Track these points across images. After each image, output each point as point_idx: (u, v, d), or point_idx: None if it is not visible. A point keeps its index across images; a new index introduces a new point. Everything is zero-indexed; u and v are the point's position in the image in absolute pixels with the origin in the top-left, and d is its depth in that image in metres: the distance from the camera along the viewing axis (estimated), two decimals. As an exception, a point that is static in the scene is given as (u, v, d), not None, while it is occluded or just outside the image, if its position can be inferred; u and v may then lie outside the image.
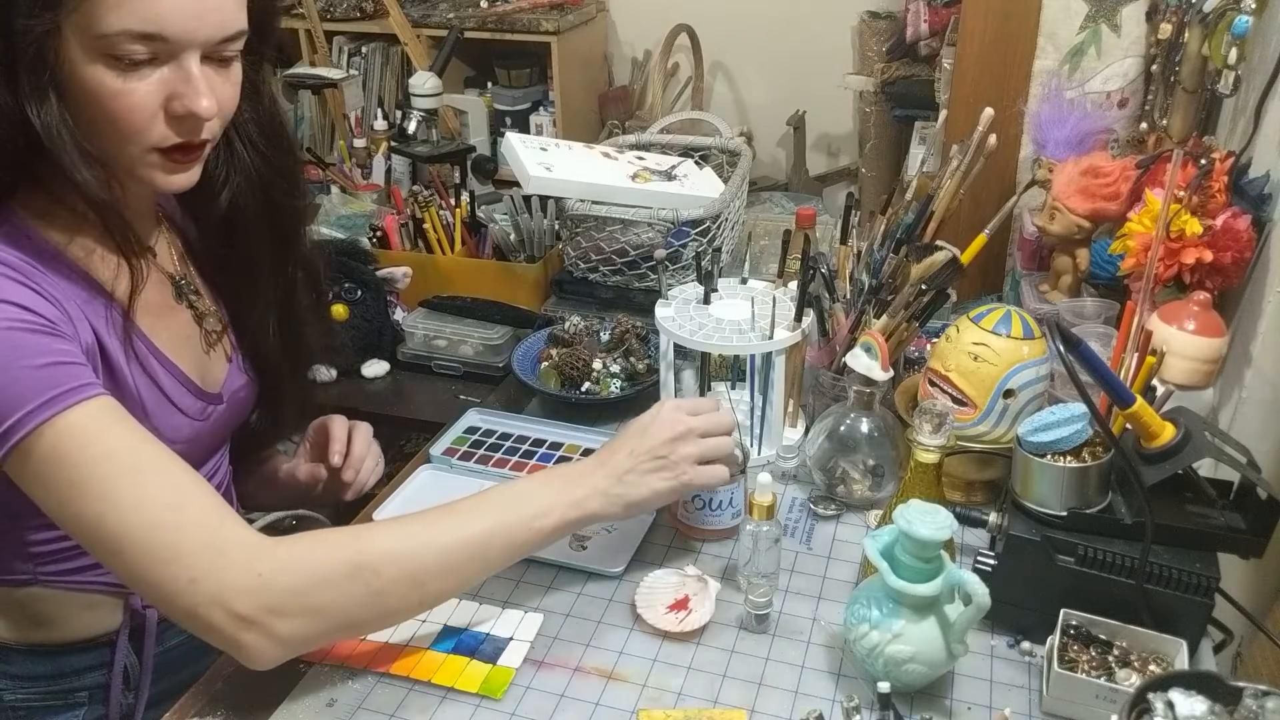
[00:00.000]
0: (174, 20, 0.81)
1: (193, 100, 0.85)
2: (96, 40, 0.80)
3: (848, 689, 0.91)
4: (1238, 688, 0.73)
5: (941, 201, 1.24)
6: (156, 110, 0.85)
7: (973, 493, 1.13)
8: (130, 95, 0.83)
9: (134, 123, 0.85)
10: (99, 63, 0.81)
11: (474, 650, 0.96)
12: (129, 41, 0.81)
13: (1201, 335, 1.15)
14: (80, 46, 0.80)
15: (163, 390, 0.96)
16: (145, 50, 0.82)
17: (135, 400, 0.92)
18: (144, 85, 0.83)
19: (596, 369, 1.36)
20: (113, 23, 0.79)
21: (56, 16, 0.79)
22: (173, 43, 0.83)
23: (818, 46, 2.75)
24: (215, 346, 1.04)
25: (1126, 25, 1.56)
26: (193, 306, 1.03)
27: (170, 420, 0.96)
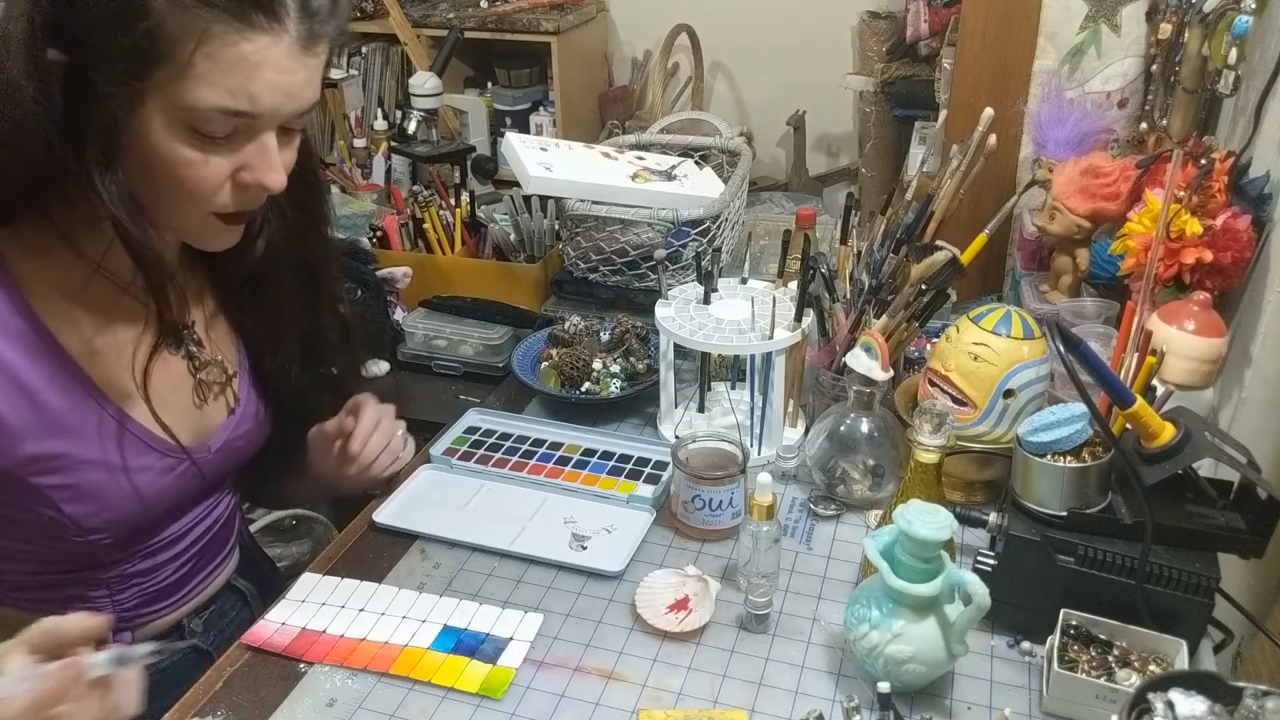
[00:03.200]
0: (266, 99, 0.81)
1: (264, 175, 0.85)
2: (183, 112, 0.79)
3: (848, 689, 0.91)
4: (1238, 688, 0.73)
5: (941, 201, 1.24)
6: (225, 180, 0.85)
7: (973, 493, 1.13)
8: (204, 166, 0.83)
9: (201, 191, 0.84)
10: (178, 132, 0.80)
11: (474, 650, 0.96)
12: (217, 116, 0.80)
13: (1201, 335, 1.15)
14: (162, 115, 0.79)
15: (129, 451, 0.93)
16: (230, 125, 0.81)
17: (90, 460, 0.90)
18: (218, 156, 0.83)
19: (596, 369, 1.36)
20: (204, 98, 0.79)
21: (145, 85, 0.78)
22: (259, 120, 0.82)
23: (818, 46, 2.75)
24: (212, 397, 1.02)
25: (1126, 25, 1.56)
26: (191, 356, 1.00)
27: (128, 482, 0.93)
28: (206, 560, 1.09)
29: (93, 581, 0.99)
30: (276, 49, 0.79)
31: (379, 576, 1.06)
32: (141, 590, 1.03)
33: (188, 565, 1.07)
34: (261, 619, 1.00)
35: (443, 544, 1.11)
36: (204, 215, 0.87)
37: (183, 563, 1.06)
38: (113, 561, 0.98)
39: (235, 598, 1.15)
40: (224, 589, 1.14)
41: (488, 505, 1.17)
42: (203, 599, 1.10)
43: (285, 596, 1.03)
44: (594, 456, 1.24)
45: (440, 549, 1.10)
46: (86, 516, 0.91)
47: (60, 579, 0.97)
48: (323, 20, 0.82)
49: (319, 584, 1.04)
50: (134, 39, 0.75)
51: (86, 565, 0.97)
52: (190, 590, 1.08)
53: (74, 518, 0.91)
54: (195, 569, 1.08)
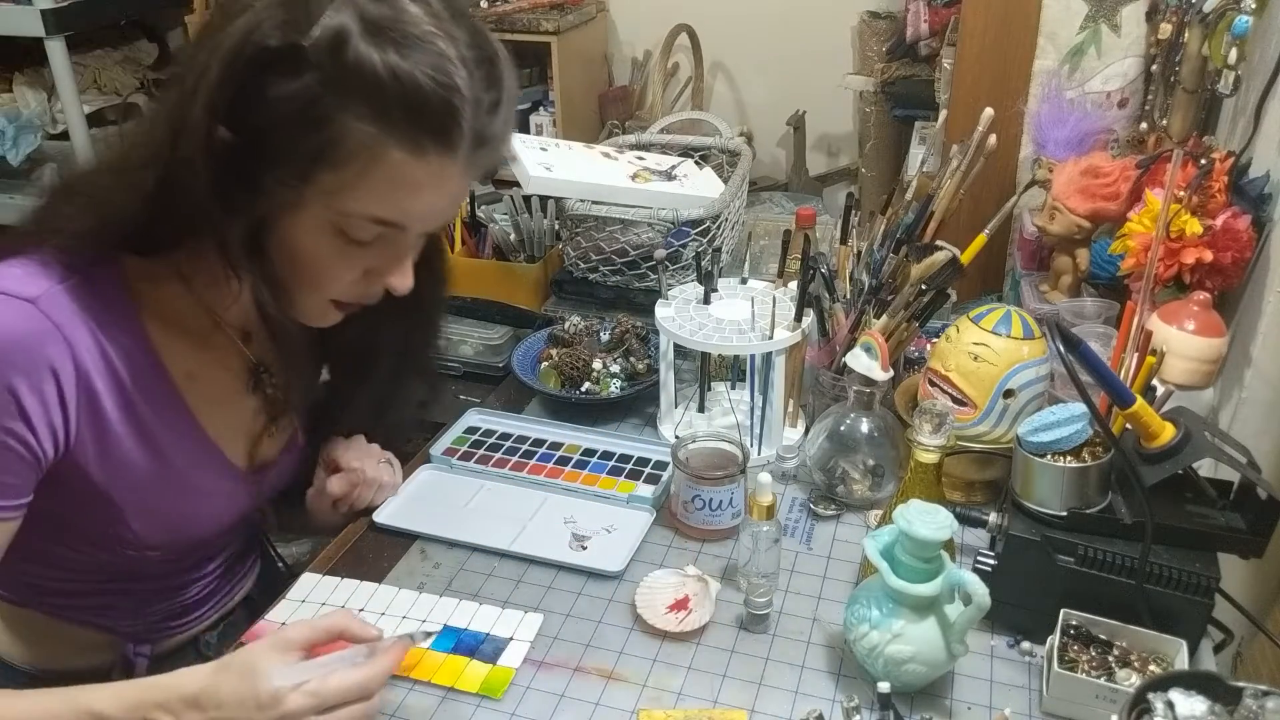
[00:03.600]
0: (419, 215, 0.83)
1: (395, 279, 0.88)
2: (337, 215, 0.81)
3: (848, 689, 0.91)
4: (1238, 688, 0.73)
5: (941, 201, 1.24)
6: (356, 278, 0.87)
7: (973, 493, 1.13)
8: (341, 264, 0.85)
9: (331, 286, 0.87)
10: (325, 231, 0.82)
11: (474, 650, 0.96)
12: (368, 223, 0.82)
13: (1201, 335, 1.15)
14: (315, 213, 0.81)
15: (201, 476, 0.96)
16: (377, 232, 0.83)
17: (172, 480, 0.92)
18: (355, 257, 0.85)
19: (596, 369, 1.36)
20: (363, 208, 0.80)
21: (308, 189, 0.79)
22: (406, 231, 0.84)
23: (818, 46, 2.75)
24: (278, 430, 1.04)
25: (1126, 25, 1.56)
26: (266, 397, 1.01)
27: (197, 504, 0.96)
28: (230, 578, 1.12)
29: (126, 594, 1.00)
30: (441, 173, 0.81)
31: (379, 576, 1.06)
32: (170, 605, 1.05)
33: (214, 584, 1.09)
34: (262, 619, 1.00)
35: (443, 544, 1.11)
36: (326, 302, 0.90)
37: (210, 581, 1.08)
38: (152, 576, 1.00)
39: (247, 609, 1.15)
40: (241, 603, 1.14)
41: (488, 505, 1.17)
42: (221, 614, 1.11)
43: (285, 596, 1.03)
44: (594, 456, 1.24)
45: (440, 549, 1.10)
46: (149, 533, 0.93)
47: (95, 588, 0.98)
48: (490, 150, 0.84)
49: (319, 584, 1.04)
50: (311, 144, 0.76)
51: (126, 578, 0.99)
52: (212, 607, 1.10)
53: (137, 532, 0.92)
54: (220, 587, 1.10)
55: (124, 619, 1.01)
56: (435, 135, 0.78)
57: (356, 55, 0.74)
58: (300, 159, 0.77)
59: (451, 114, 0.78)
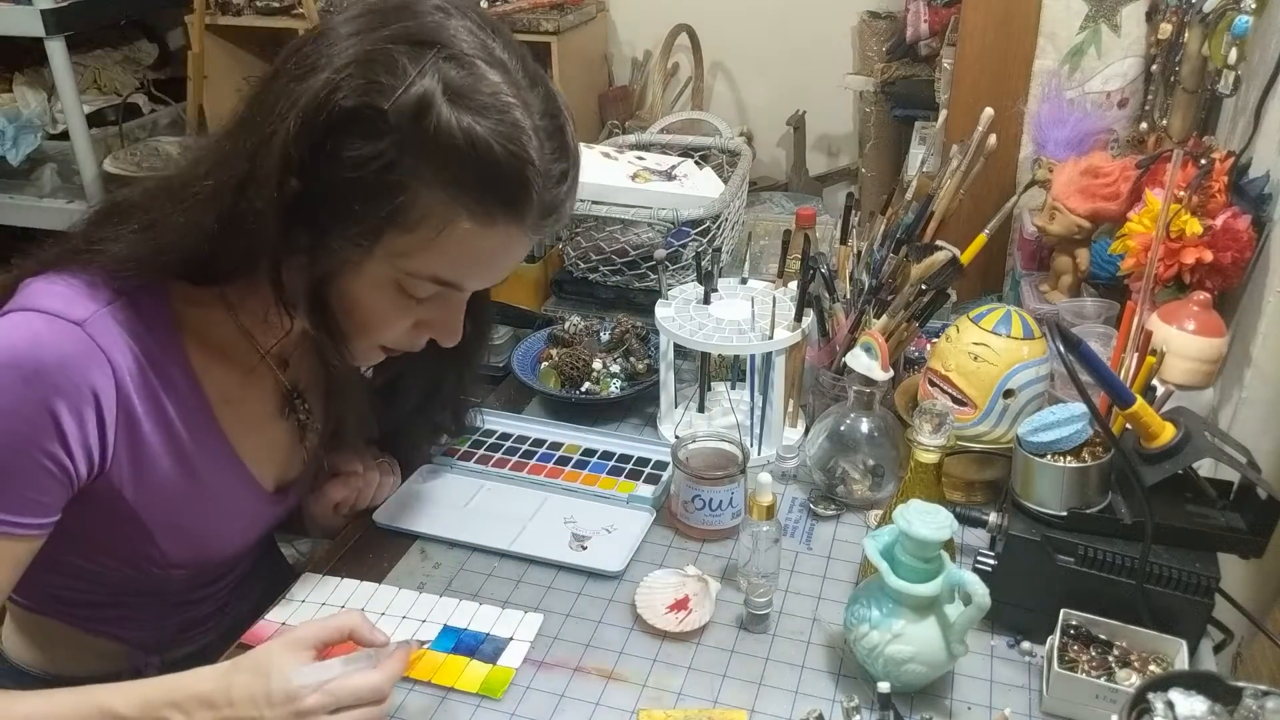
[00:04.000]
0: (475, 275, 0.84)
1: (444, 334, 0.89)
2: (400, 273, 0.81)
3: (848, 689, 0.91)
4: (1238, 688, 0.73)
5: (941, 201, 1.24)
6: (408, 328, 0.88)
7: (973, 493, 1.13)
8: (396, 318, 0.86)
9: (382, 335, 0.88)
10: (386, 287, 0.82)
11: (474, 650, 0.96)
12: (427, 282, 0.82)
13: (1201, 335, 1.15)
14: (378, 269, 0.81)
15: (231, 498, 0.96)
16: (435, 290, 0.84)
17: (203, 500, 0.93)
18: (410, 311, 0.86)
19: (596, 369, 1.36)
20: (427, 269, 0.81)
21: (376, 250, 0.79)
22: (461, 291, 0.85)
23: (818, 46, 2.75)
24: (306, 452, 1.04)
25: (1126, 25, 1.56)
26: (299, 422, 1.02)
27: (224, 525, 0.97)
28: (243, 590, 1.12)
29: (143, 605, 1.00)
30: (509, 241, 0.82)
31: (379, 576, 1.06)
32: (184, 618, 1.05)
33: (225, 597, 1.09)
34: (262, 619, 1.00)
35: (443, 544, 1.11)
36: (374, 347, 0.90)
37: (224, 594, 1.09)
38: (172, 592, 1.00)
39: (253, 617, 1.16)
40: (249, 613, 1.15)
41: (488, 505, 1.17)
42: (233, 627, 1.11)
43: (285, 596, 1.03)
44: (594, 456, 1.24)
45: (440, 549, 1.10)
46: (177, 552, 0.94)
47: (115, 600, 0.99)
48: (558, 218, 0.85)
49: (319, 584, 1.04)
50: (383, 206, 0.77)
51: (146, 593, 0.99)
52: (222, 620, 1.10)
53: (164, 551, 0.93)
54: (233, 599, 1.11)
55: (139, 630, 1.02)
56: (506, 206, 0.79)
57: (437, 123, 0.74)
58: (371, 220, 0.78)
59: (524, 185, 0.78)
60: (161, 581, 0.96)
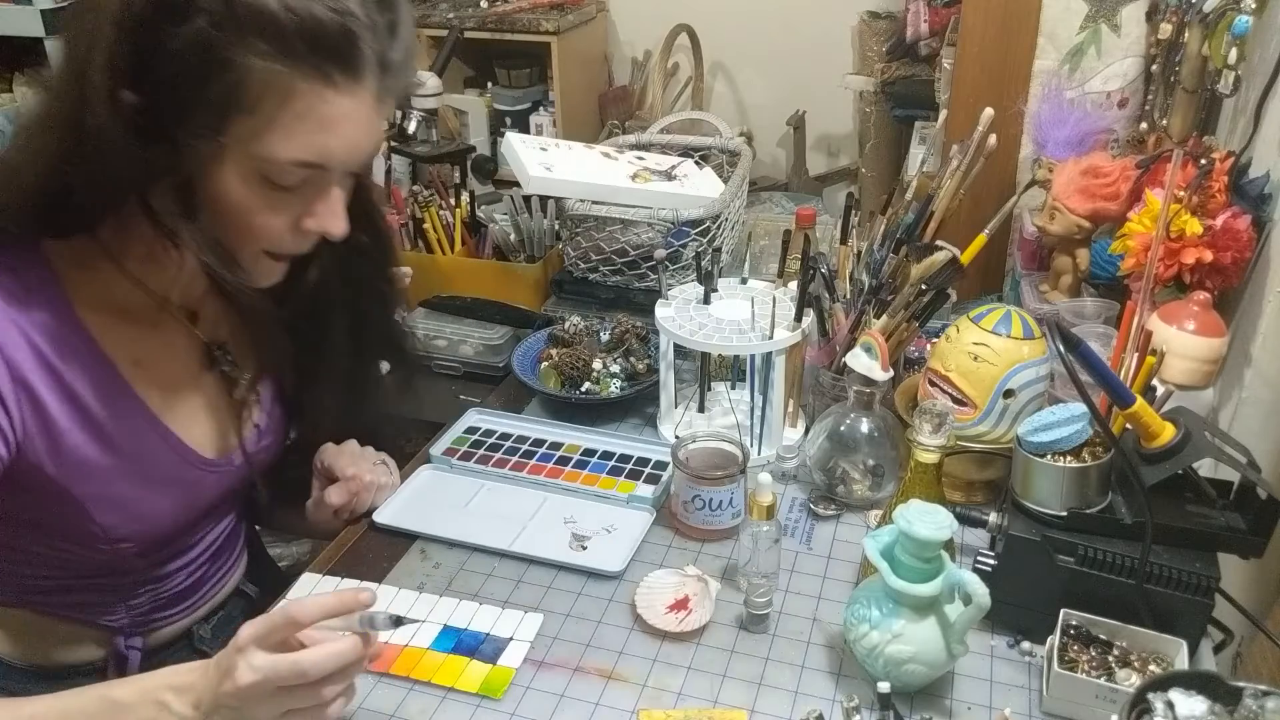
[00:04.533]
0: (339, 153, 0.83)
1: (328, 222, 0.87)
2: (258, 163, 0.81)
3: (848, 689, 0.91)
4: (1238, 688, 0.73)
5: (941, 201, 1.24)
6: (291, 227, 0.87)
7: (973, 493, 1.13)
8: (273, 214, 0.85)
9: (264, 236, 0.86)
10: (251, 182, 0.82)
11: (474, 650, 0.96)
12: (293, 169, 0.82)
13: (1201, 335, 1.15)
14: (237, 164, 0.81)
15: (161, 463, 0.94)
16: (301, 176, 0.83)
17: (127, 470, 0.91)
18: (286, 205, 0.85)
19: (596, 369, 1.36)
20: (282, 151, 0.80)
21: (224, 137, 0.79)
22: (331, 171, 0.84)
23: (818, 46, 2.75)
24: (241, 413, 1.03)
25: (1126, 25, 1.56)
26: (224, 375, 1.01)
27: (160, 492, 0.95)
28: (217, 567, 1.11)
29: (109, 587, 1.00)
30: (354, 105, 0.81)
31: (379, 576, 1.06)
32: (155, 596, 1.04)
33: (199, 572, 1.08)
34: (262, 619, 0.99)
35: (443, 544, 1.11)
36: (258, 254, 0.89)
37: (194, 569, 1.07)
38: (131, 569, 0.99)
39: (243, 602, 1.15)
40: (232, 594, 1.14)
41: (488, 505, 1.17)
42: (213, 605, 1.11)
43: (285, 596, 1.03)
44: (594, 456, 1.24)
45: (440, 549, 1.10)
46: (117, 526, 0.93)
47: (79, 584, 0.98)
48: (396, 75, 0.84)
49: (319, 584, 1.04)
50: (217, 90, 0.76)
51: (107, 572, 0.98)
52: (200, 597, 1.09)
53: (105, 527, 0.92)
54: (206, 575, 1.09)
55: (110, 613, 1.01)
56: (339, 63, 0.78)
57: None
58: (211, 107, 0.77)
59: (349, 39, 0.78)
60: (117, 559, 0.95)
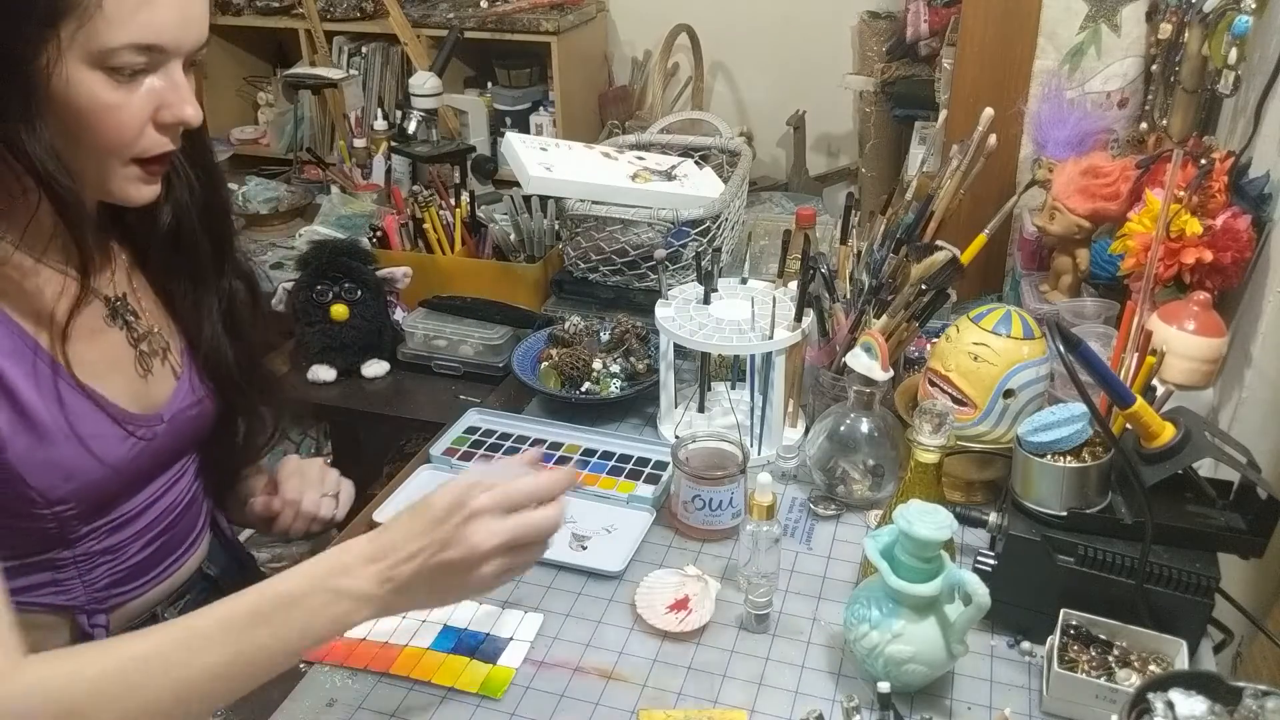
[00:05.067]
0: (171, 31, 0.84)
1: (180, 108, 0.88)
2: (98, 55, 0.81)
3: (848, 689, 0.91)
4: (1238, 688, 0.73)
5: (941, 201, 1.24)
6: (146, 121, 0.87)
7: (973, 493, 1.13)
8: (125, 108, 0.85)
9: (125, 135, 0.86)
10: (96, 79, 0.82)
11: (474, 650, 0.96)
12: (131, 54, 0.82)
13: (1201, 335, 1.15)
14: (78, 63, 0.81)
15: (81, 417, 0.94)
16: (143, 61, 0.84)
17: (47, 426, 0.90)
18: (136, 97, 0.85)
19: (596, 369, 1.36)
20: (115, 37, 0.81)
21: (58, 31, 0.79)
22: (168, 52, 0.85)
23: (818, 46, 2.75)
24: (155, 367, 1.02)
25: (1126, 25, 1.56)
26: (129, 327, 1.01)
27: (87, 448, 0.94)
28: (175, 541, 1.09)
29: (61, 562, 0.99)
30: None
31: (379, 576, 1.06)
32: (111, 569, 1.02)
33: (155, 543, 1.06)
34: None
35: (443, 544, 1.11)
36: (126, 161, 0.88)
37: (149, 540, 1.05)
38: (79, 538, 0.98)
39: (207, 585, 1.15)
40: (197, 576, 1.13)
41: (488, 505, 1.17)
42: (175, 583, 1.10)
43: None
44: (594, 456, 1.24)
45: (440, 549, 1.10)
46: (52, 488, 0.92)
47: (31, 563, 0.97)
48: None
49: (319, 584, 1.04)
50: None
51: (55, 543, 0.97)
52: (161, 571, 1.07)
53: (40, 490, 0.91)
54: (164, 549, 1.07)
55: (66, 591, 1.00)
56: None
57: None
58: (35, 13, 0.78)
59: None
60: (60, 524, 0.95)
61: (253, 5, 3.10)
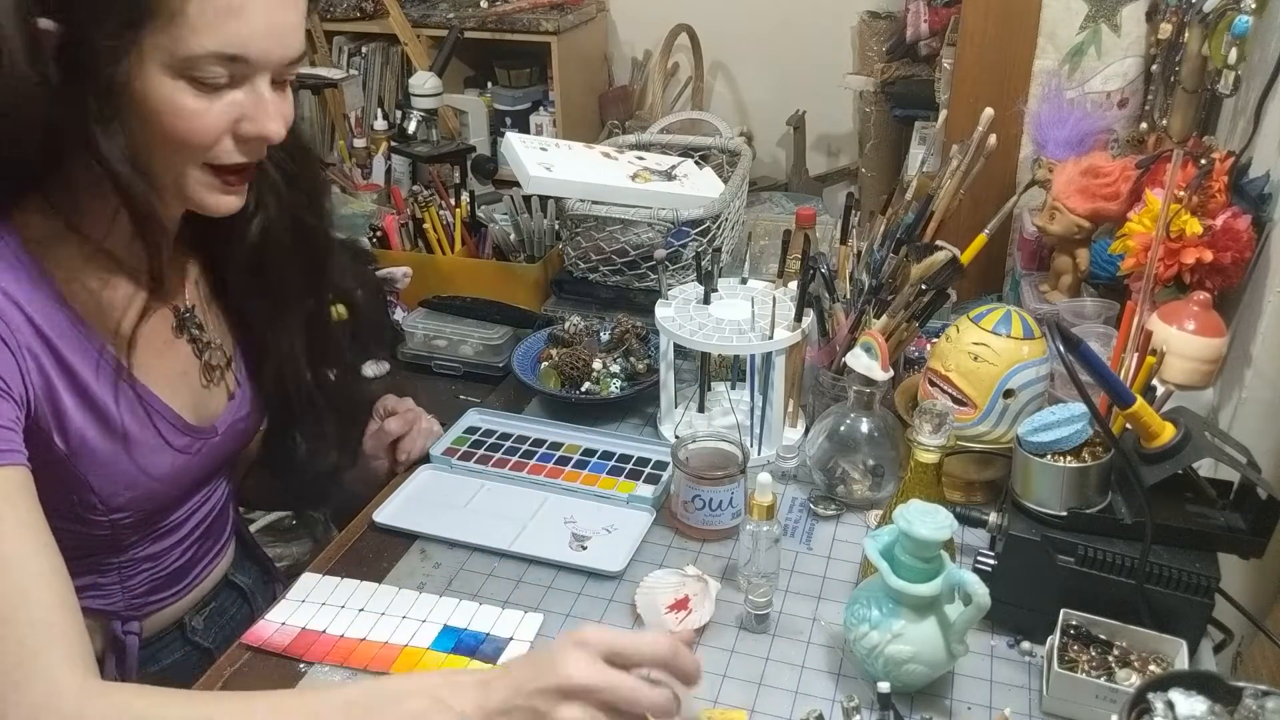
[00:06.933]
0: (258, 43, 0.83)
1: (264, 124, 0.86)
2: (180, 62, 0.80)
3: (848, 689, 0.91)
4: (1238, 688, 0.73)
5: (941, 201, 1.24)
6: (226, 131, 0.86)
7: (973, 493, 1.13)
8: (205, 116, 0.84)
9: (203, 142, 0.85)
10: (178, 85, 0.81)
11: (474, 650, 0.96)
12: (214, 64, 0.81)
13: (1201, 335, 1.15)
14: (160, 67, 0.80)
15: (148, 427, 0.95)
16: (226, 72, 0.83)
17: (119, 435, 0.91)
18: (218, 106, 0.84)
19: (596, 369, 1.36)
20: (199, 45, 0.80)
21: (140, 36, 0.79)
22: (253, 64, 0.84)
23: (818, 46, 2.75)
24: (215, 380, 1.03)
25: (1126, 25, 1.56)
26: (194, 340, 1.01)
27: (151, 458, 0.95)
28: (206, 548, 1.10)
29: (107, 566, 1.00)
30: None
31: (379, 576, 1.06)
32: (151, 575, 1.03)
33: (190, 551, 1.07)
34: (262, 619, 1.00)
35: (443, 544, 1.11)
36: (201, 167, 0.88)
37: (186, 547, 1.07)
38: (129, 544, 0.99)
39: (235, 594, 1.15)
40: (223, 584, 1.14)
41: (488, 505, 1.17)
42: (203, 591, 1.10)
43: (285, 596, 1.03)
44: (594, 456, 1.24)
45: (440, 549, 1.10)
46: (113, 495, 0.93)
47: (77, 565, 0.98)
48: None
49: (319, 584, 1.04)
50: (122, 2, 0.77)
51: (104, 549, 0.98)
52: (192, 579, 1.08)
53: (101, 496, 0.92)
54: (197, 555, 1.09)
55: (106, 596, 1.01)
56: None
57: None
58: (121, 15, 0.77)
59: None
60: (115, 533, 0.96)
61: (253, 5, 3.10)
